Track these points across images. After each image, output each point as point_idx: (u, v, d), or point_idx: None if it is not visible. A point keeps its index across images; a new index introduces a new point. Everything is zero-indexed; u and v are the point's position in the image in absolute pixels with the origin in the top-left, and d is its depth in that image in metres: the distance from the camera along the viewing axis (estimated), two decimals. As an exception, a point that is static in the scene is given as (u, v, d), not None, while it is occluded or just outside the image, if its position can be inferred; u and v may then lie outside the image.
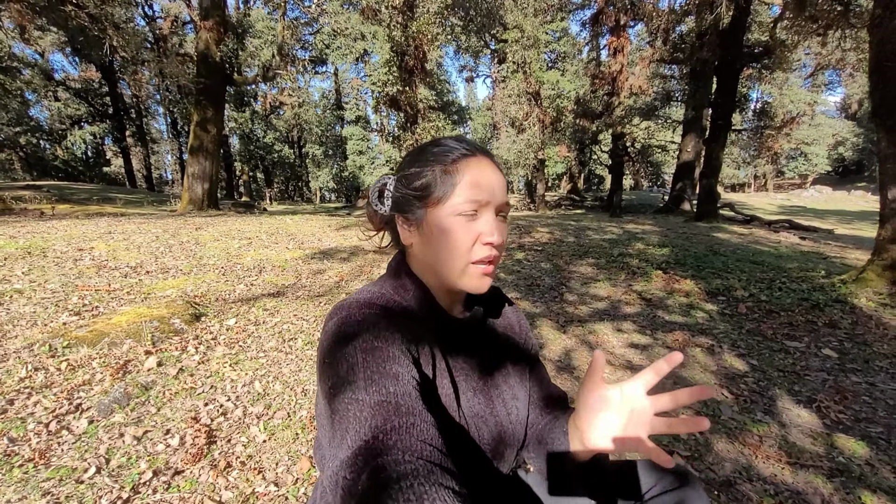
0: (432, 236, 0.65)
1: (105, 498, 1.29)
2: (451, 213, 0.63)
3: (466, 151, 0.65)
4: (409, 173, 0.67)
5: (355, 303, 0.63)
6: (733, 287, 4.05)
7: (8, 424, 1.59)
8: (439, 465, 0.45)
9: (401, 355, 0.56)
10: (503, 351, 0.80)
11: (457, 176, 0.63)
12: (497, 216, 0.66)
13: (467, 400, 0.68)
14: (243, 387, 2.02)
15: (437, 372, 0.65)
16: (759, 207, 19.62)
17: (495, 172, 0.66)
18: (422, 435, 0.47)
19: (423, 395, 0.54)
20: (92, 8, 9.39)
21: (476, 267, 0.64)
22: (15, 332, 2.36)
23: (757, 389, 2.26)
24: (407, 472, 0.42)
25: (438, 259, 0.65)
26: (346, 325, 0.58)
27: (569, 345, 2.80)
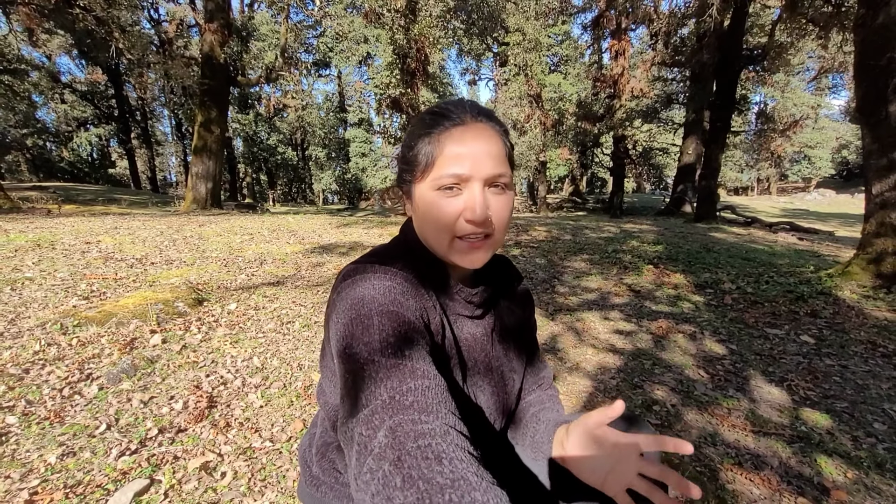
0: (419, 210, 0.64)
1: (115, 449, 1.41)
2: (432, 188, 0.61)
3: (457, 120, 0.62)
4: (405, 144, 0.67)
5: (369, 265, 0.62)
6: (721, 280, 4.15)
7: (25, 389, 1.72)
8: (454, 426, 0.45)
9: (414, 320, 0.57)
10: (507, 324, 0.81)
11: (438, 147, 0.61)
12: (489, 188, 0.62)
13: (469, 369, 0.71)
14: (243, 361, 2.14)
15: (446, 342, 0.66)
16: (762, 210, 19.66)
17: (484, 139, 0.61)
18: (437, 397, 0.47)
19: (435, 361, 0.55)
20: (99, 11, 9.59)
21: (461, 242, 0.62)
22: (28, 313, 2.49)
23: (732, 370, 2.36)
24: (424, 431, 0.42)
25: (426, 232, 0.65)
26: (361, 287, 0.58)
27: (556, 330, 2.91)
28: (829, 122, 37.10)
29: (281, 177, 33.45)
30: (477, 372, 0.72)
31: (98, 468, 1.33)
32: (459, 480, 0.38)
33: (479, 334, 0.74)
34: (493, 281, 0.79)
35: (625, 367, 2.36)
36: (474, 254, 0.63)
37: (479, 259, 0.64)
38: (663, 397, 2.03)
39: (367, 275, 0.60)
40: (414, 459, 0.39)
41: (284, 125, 29.38)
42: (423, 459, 0.39)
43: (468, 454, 0.42)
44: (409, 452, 0.40)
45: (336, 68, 29.71)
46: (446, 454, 0.40)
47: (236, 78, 11.19)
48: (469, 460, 0.41)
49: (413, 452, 0.40)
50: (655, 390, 2.09)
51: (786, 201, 26.96)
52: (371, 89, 28.42)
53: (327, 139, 31.47)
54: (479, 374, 0.73)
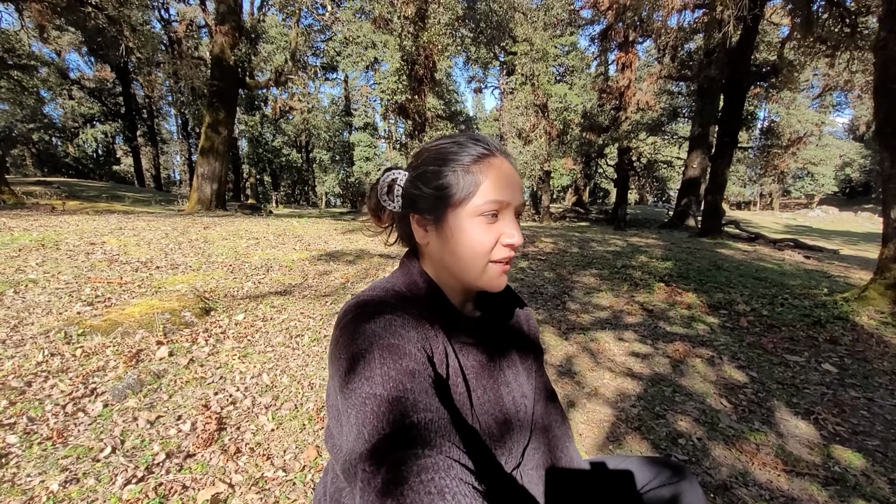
0: (452, 237, 0.64)
1: (121, 476, 1.33)
2: (472, 214, 0.62)
3: (486, 151, 0.64)
4: (428, 171, 0.66)
5: (370, 299, 0.63)
6: (735, 301, 4.08)
7: (27, 405, 1.64)
8: (458, 461, 0.45)
9: (416, 353, 0.57)
10: (513, 348, 0.80)
11: (478, 176, 0.62)
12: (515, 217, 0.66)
13: (478, 398, 0.69)
14: (252, 378, 2.07)
15: (450, 371, 0.65)
16: (765, 226, 19.62)
17: (514, 172, 0.66)
18: (440, 431, 0.47)
19: (438, 392, 0.54)
20: (110, 10, 9.61)
21: (495, 266, 0.64)
22: (31, 319, 2.43)
23: (756, 400, 2.29)
24: (427, 466, 0.42)
25: (458, 259, 0.65)
26: (363, 322, 0.58)
27: (570, 351, 2.84)
28: (833, 139, 37.21)
29: (285, 178, 33.49)
30: (486, 400, 0.71)
31: (103, 498, 1.25)
32: None
33: (485, 361, 0.73)
34: (496, 307, 0.80)
35: (645, 394, 2.28)
36: (502, 277, 0.66)
37: (504, 281, 0.67)
38: (688, 429, 1.95)
39: (368, 309, 0.61)
40: (417, 495, 0.39)
41: (290, 127, 29.46)
42: (426, 494, 0.39)
43: (472, 489, 0.42)
44: (412, 488, 0.40)
45: (343, 72, 29.83)
46: (449, 489, 0.40)
47: (245, 80, 11.19)
48: (473, 495, 0.41)
49: (416, 488, 0.40)
50: (679, 421, 2.02)
51: (788, 217, 26.95)
52: (377, 94, 28.53)
53: (332, 142, 31.56)
54: (489, 402, 0.71)
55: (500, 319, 0.81)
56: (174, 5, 20.57)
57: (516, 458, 0.77)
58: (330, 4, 12.54)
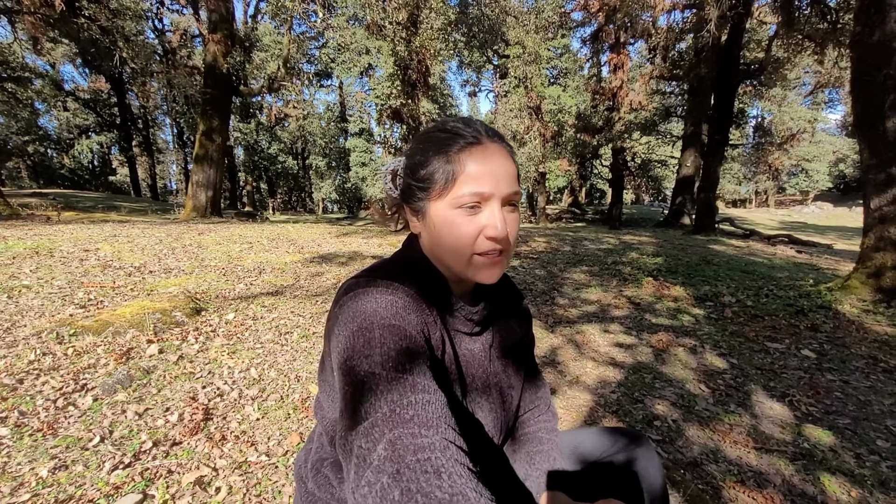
0: (435, 229, 0.64)
1: (108, 462, 1.38)
2: (452, 206, 0.61)
3: (472, 139, 0.62)
4: (414, 162, 0.66)
5: (371, 279, 0.63)
6: (721, 293, 4.14)
7: (18, 400, 1.69)
8: (454, 442, 0.45)
9: (415, 335, 0.57)
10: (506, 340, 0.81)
11: (458, 166, 0.61)
12: (504, 207, 0.63)
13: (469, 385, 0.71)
14: (240, 373, 2.12)
15: (446, 357, 0.66)
16: (760, 223, 19.74)
17: (502, 160, 0.63)
18: (437, 412, 0.47)
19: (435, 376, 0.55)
20: (104, 21, 9.69)
21: (481, 259, 0.62)
22: (24, 321, 2.47)
23: (734, 385, 2.34)
24: (424, 445, 0.42)
25: (443, 251, 0.65)
26: (363, 301, 0.58)
27: (555, 343, 2.89)
28: (826, 136, 37.47)
29: (281, 185, 33.56)
30: (475, 388, 0.72)
31: (90, 482, 1.30)
32: (458, 495, 0.38)
33: (477, 350, 0.74)
34: (494, 298, 0.79)
35: (625, 381, 2.34)
36: (492, 269, 0.64)
37: (496, 274, 0.64)
38: (664, 412, 2.01)
39: (370, 288, 0.60)
40: (413, 473, 0.39)
41: (285, 134, 29.57)
42: (423, 473, 0.39)
43: (467, 469, 0.42)
44: (408, 466, 0.40)
45: (338, 79, 29.99)
46: (445, 469, 0.40)
47: (238, 87, 11.28)
48: (468, 476, 0.41)
49: (412, 466, 0.40)
50: (656, 405, 2.07)
51: (784, 214, 27.08)
52: (372, 100, 28.66)
53: (328, 148, 31.66)
54: (477, 391, 0.73)
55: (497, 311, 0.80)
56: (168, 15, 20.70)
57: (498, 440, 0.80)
58: (322, 11, 12.66)
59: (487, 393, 0.74)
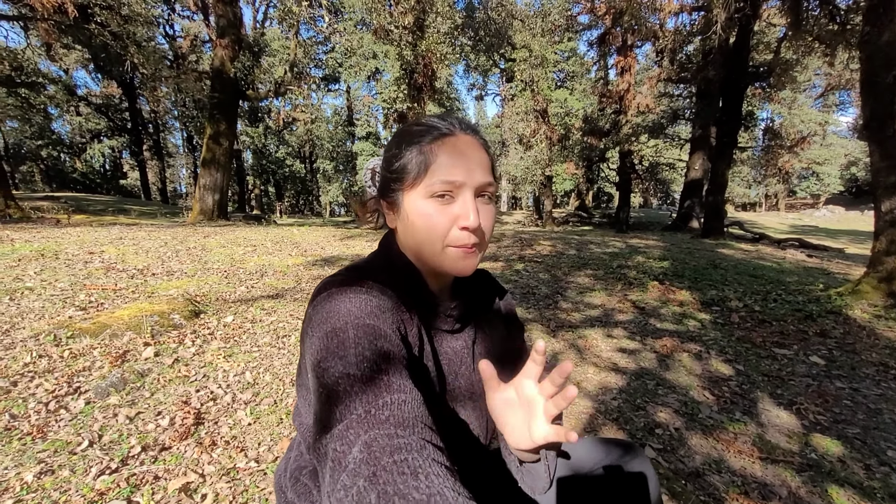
0: (408, 220, 0.64)
1: (95, 468, 1.37)
2: (424, 196, 0.61)
3: (445, 131, 0.63)
4: (390, 155, 0.66)
5: (346, 278, 0.62)
6: (728, 298, 4.06)
7: (10, 403, 1.68)
8: (430, 441, 0.44)
9: (391, 333, 0.56)
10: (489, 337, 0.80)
11: (430, 156, 0.61)
12: (478, 197, 0.63)
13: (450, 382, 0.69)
14: (234, 376, 2.10)
15: (424, 353, 0.65)
16: (770, 227, 19.48)
17: (475, 150, 0.63)
18: (413, 411, 0.47)
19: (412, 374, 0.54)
20: (115, 27, 9.82)
21: (454, 250, 0.62)
22: (23, 324, 2.48)
23: (739, 392, 2.28)
24: (400, 445, 0.41)
25: (417, 242, 0.64)
26: (338, 300, 0.57)
27: (556, 348, 2.85)
28: (837, 138, 36.94)
29: (289, 189, 33.79)
30: (458, 386, 0.71)
31: (76, 488, 1.28)
32: (436, 496, 0.37)
33: (459, 348, 0.73)
34: (473, 294, 0.78)
35: (627, 388, 2.28)
36: (466, 261, 0.63)
37: (470, 266, 0.64)
38: (666, 420, 1.95)
39: (343, 288, 0.59)
40: (389, 475, 0.39)
41: (293, 138, 29.79)
42: (399, 475, 0.39)
43: (445, 469, 0.41)
44: (384, 468, 0.39)
45: (345, 83, 30.17)
46: (423, 469, 0.39)
47: (246, 92, 11.37)
48: (446, 475, 0.40)
49: (388, 468, 0.39)
50: (658, 412, 2.02)
51: (794, 217, 26.74)
52: (379, 103, 28.79)
53: (335, 152, 31.83)
54: (460, 389, 0.71)
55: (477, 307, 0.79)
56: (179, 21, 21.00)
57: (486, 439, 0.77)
58: (328, 16, 12.75)
59: (471, 391, 0.73)
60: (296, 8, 11.18)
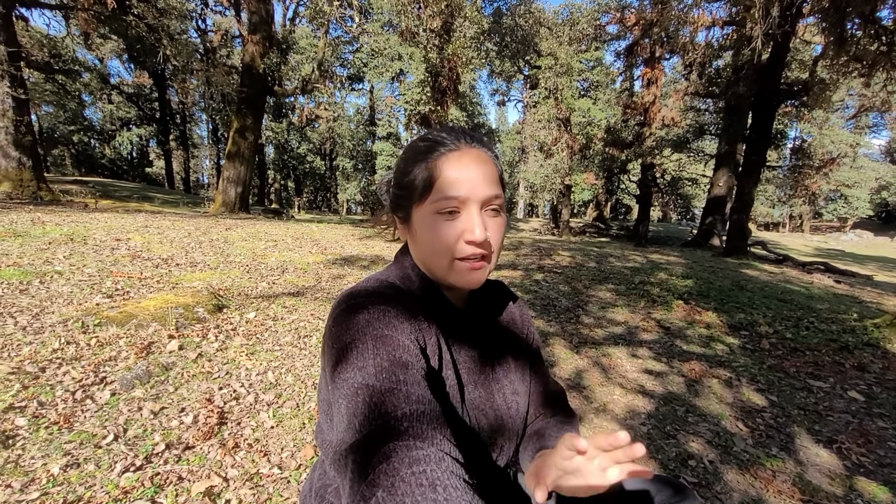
0: (417, 235, 0.65)
1: (120, 463, 1.35)
2: (431, 211, 0.61)
3: (451, 146, 0.63)
4: (399, 171, 0.67)
5: (364, 290, 0.62)
6: (757, 322, 3.93)
7: (38, 389, 1.69)
8: (449, 454, 0.44)
9: (410, 344, 0.56)
10: (505, 345, 0.79)
11: (435, 172, 0.61)
12: (485, 210, 0.63)
13: (469, 393, 0.68)
14: (257, 375, 2.08)
15: (443, 363, 0.65)
16: (794, 248, 18.97)
17: (480, 164, 0.63)
18: (432, 423, 0.47)
19: (430, 385, 0.54)
20: (150, 19, 10.05)
21: (462, 264, 0.62)
22: (52, 308, 2.51)
23: (774, 425, 2.18)
24: (419, 457, 0.41)
25: (426, 256, 0.65)
26: (357, 312, 0.58)
27: (580, 365, 2.77)
28: (869, 161, 35.95)
29: (308, 185, 34.15)
30: (478, 395, 0.71)
31: (100, 484, 1.27)
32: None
33: (477, 356, 0.73)
34: (488, 303, 0.79)
35: (656, 413, 2.20)
36: (474, 274, 0.63)
37: (478, 279, 0.64)
38: (699, 451, 1.87)
39: (360, 300, 0.60)
40: (408, 486, 0.39)
41: (315, 135, 30.10)
42: (418, 486, 0.39)
43: (463, 482, 0.41)
44: (403, 479, 0.39)
45: (369, 83, 30.43)
46: (441, 481, 0.40)
47: (273, 88, 11.52)
48: (464, 488, 0.41)
49: (407, 479, 0.39)
50: (690, 442, 1.94)
51: (819, 240, 26.01)
52: (401, 105, 28.94)
53: (355, 151, 32.10)
54: (480, 398, 0.71)
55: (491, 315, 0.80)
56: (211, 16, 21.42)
57: (507, 455, 0.75)
58: (358, 16, 12.85)
59: (491, 400, 0.72)
60: (327, 7, 11.29)
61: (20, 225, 4.71)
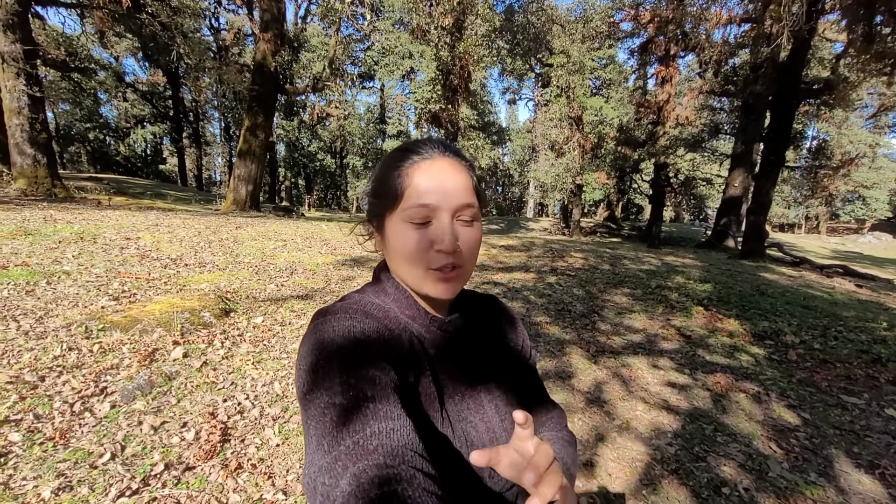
0: (389, 244, 0.64)
1: (115, 487, 1.27)
2: (402, 219, 0.61)
3: (423, 154, 0.63)
4: (374, 180, 0.67)
5: (332, 308, 0.62)
6: (782, 331, 3.76)
7: (36, 401, 1.62)
8: (421, 469, 0.44)
9: (379, 359, 0.55)
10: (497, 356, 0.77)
11: (406, 180, 0.61)
12: (457, 219, 0.62)
13: (454, 403, 0.66)
14: (263, 386, 2.00)
15: (420, 374, 0.63)
16: (810, 250, 18.51)
17: (451, 173, 0.62)
18: (402, 439, 0.46)
19: (403, 398, 0.53)
20: (164, 17, 10.09)
21: (433, 273, 0.61)
22: (57, 311, 2.45)
23: (810, 447, 2.04)
24: (389, 476, 0.41)
25: (398, 266, 0.64)
26: (323, 331, 0.57)
27: (599, 376, 2.65)
28: (888, 161, 35.03)
29: (318, 183, 34.25)
30: (466, 407, 0.67)
31: (94, 509, 1.19)
32: None
33: (463, 366, 0.70)
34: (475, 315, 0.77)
35: (682, 431, 2.08)
36: (446, 284, 0.62)
37: (451, 290, 0.63)
38: (732, 476, 1.74)
39: (329, 317, 0.59)
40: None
41: (326, 133, 30.16)
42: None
43: (435, 498, 0.41)
44: (372, 501, 0.39)
45: (379, 81, 30.38)
46: (412, 499, 0.39)
47: (284, 86, 11.49)
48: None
49: (377, 500, 0.39)
50: (722, 465, 1.81)
51: (837, 242, 25.39)
52: (412, 103, 28.87)
53: (365, 149, 32.10)
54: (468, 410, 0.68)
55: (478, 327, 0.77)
56: (224, 14, 21.52)
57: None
58: (369, 14, 12.78)
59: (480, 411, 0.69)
60: (338, 5, 11.22)
61: (32, 223, 4.71)
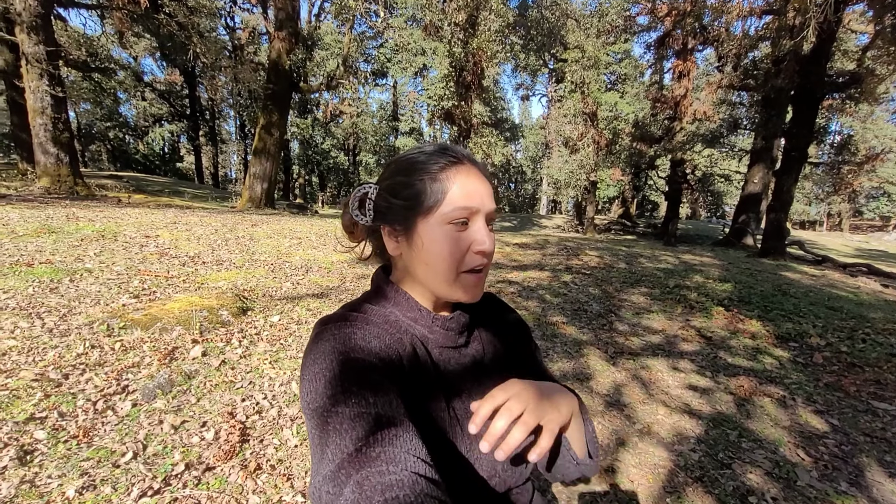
0: (423, 246, 0.63)
1: (137, 486, 1.28)
2: (442, 222, 0.61)
3: (454, 159, 0.64)
4: (396, 182, 0.65)
5: (334, 317, 0.62)
6: (807, 333, 3.66)
7: (60, 399, 1.64)
8: (424, 475, 0.44)
9: (381, 365, 0.56)
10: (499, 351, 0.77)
11: (446, 184, 0.62)
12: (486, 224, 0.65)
13: (461, 401, 0.66)
14: (280, 386, 2.00)
15: (424, 377, 0.63)
16: (833, 248, 18.01)
17: (483, 180, 0.65)
18: (405, 445, 0.46)
19: (406, 402, 0.54)
20: (181, 17, 10.21)
21: (468, 276, 0.63)
22: (80, 308, 2.50)
23: (839, 455, 1.97)
24: (391, 483, 0.41)
25: (429, 269, 0.64)
26: (324, 340, 0.57)
27: (618, 379, 2.60)
28: (917, 157, 33.81)
29: (331, 180, 34.48)
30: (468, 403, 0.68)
31: (117, 509, 1.19)
32: None
33: (468, 364, 0.71)
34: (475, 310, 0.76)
35: (706, 437, 2.02)
36: (476, 288, 0.64)
37: (479, 293, 0.65)
38: (759, 485, 1.69)
39: (330, 326, 0.59)
40: None
41: (339, 131, 30.33)
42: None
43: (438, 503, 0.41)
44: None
45: (392, 78, 30.41)
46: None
47: (299, 84, 11.55)
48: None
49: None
50: (748, 473, 1.76)
51: (860, 240, 24.65)
52: (424, 100, 28.87)
53: (378, 146, 32.20)
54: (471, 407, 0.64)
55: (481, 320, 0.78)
56: (239, 13, 21.73)
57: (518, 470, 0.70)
58: (383, 11, 12.77)
59: None
60: (352, 3, 11.23)
61: (55, 221, 4.81)
